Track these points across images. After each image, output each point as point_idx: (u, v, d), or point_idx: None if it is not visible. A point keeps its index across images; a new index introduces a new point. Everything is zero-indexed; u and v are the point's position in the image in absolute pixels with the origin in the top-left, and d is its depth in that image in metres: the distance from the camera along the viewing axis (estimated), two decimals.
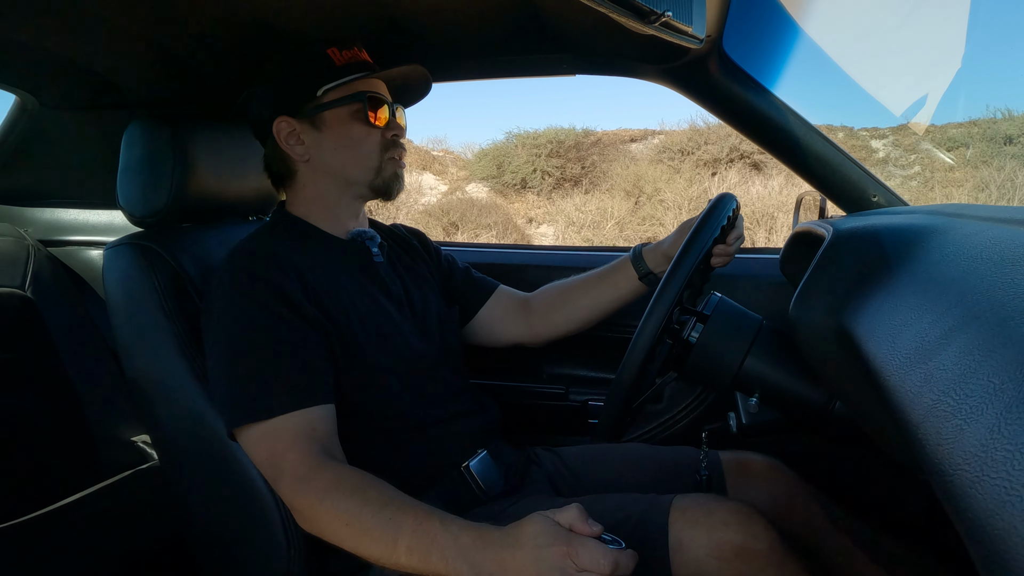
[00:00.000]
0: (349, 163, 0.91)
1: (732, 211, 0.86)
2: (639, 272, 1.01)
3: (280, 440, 0.74)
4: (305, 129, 0.90)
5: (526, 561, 0.58)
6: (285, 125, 0.90)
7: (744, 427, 0.80)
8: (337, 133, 0.90)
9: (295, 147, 0.91)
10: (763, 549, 0.69)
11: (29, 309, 1.29)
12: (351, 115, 0.89)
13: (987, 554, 0.25)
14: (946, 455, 0.29)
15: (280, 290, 0.80)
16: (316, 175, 0.92)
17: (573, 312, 1.08)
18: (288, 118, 0.89)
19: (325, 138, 0.90)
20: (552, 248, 1.66)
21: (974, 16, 7.18)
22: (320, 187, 0.93)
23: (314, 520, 0.71)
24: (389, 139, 0.92)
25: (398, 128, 0.93)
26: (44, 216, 1.48)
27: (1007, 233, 0.44)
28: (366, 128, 0.90)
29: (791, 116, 1.06)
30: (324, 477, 0.71)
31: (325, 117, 0.89)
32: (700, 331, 0.78)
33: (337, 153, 0.90)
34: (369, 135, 0.90)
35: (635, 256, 1.02)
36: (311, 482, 0.71)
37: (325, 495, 0.70)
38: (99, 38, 0.98)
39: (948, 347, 0.35)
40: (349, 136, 0.90)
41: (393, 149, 0.92)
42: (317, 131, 0.90)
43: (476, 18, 0.98)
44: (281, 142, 0.90)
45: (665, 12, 0.60)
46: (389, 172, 0.92)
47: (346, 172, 0.91)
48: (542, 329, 1.10)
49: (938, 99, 4.69)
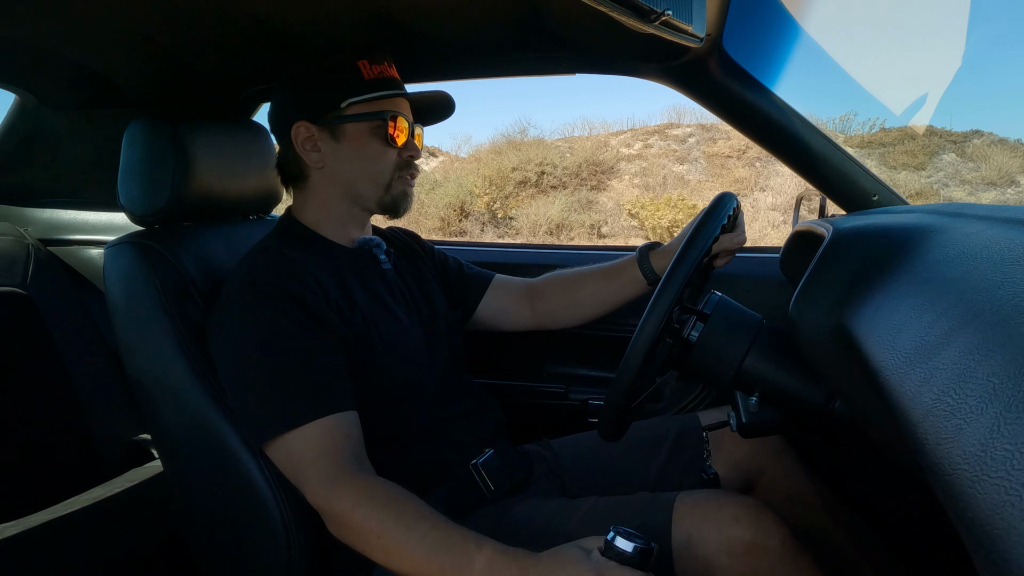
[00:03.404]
0: (362, 177, 0.91)
1: (732, 210, 0.86)
2: (647, 278, 1.02)
3: (311, 447, 0.75)
4: (323, 137, 0.90)
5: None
6: (304, 130, 0.90)
7: (744, 426, 0.80)
8: (355, 147, 0.90)
9: (310, 153, 0.91)
10: (775, 545, 0.69)
11: (29, 309, 1.29)
12: (371, 131, 0.89)
13: (987, 554, 0.25)
14: (946, 455, 0.30)
15: (303, 301, 0.80)
16: (327, 183, 0.93)
17: (576, 307, 1.09)
18: (308, 123, 0.89)
19: (342, 149, 0.90)
20: (552, 247, 1.66)
21: None
22: (329, 195, 0.93)
23: (345, 528, 0.72)
24: (404, 159, 0.92)
25: (415, 149, 0.93)
26: (44, 216, 1.48)
27: (1007, 233, 0.44)
28: (384, 146, 0.90)
29: (791, 115, 1.05)
30: (357, 486, 0.72)
31: (345, 129, 0.89)
32: (700, 330, 0.78)
33: (352, 166, 0.90)
34: (385, 153, 0.90)
35: (641, 257, 1.03)
36: (344, 489, 0.72)
37: (357, 505, 0.71)
38: (99, 38, 0.98)
39: (947, 347, 0.35)
40: (366, 151, 0.90)
41: (406, 169, 0.93)
42: (335, 141, 0.90)
43: (476, 17, 0.98)
44: (297, 145, 0.90)
45: (665, 11, 0.60)
46: (398, 190, 0.93)
47: (357, 185, 0.92)
48: (545, 318, 1.11)
49: (938, 99, 4.70)
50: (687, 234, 0.80)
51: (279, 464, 0.78)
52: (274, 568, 0.85)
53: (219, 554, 0.93)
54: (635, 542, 0.62)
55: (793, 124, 1.06)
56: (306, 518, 0.85)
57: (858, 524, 0.91)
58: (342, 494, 0.72)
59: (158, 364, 0.89)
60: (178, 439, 0.90)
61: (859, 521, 0.91)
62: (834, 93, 10.21)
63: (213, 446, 0.85)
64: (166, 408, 0.89)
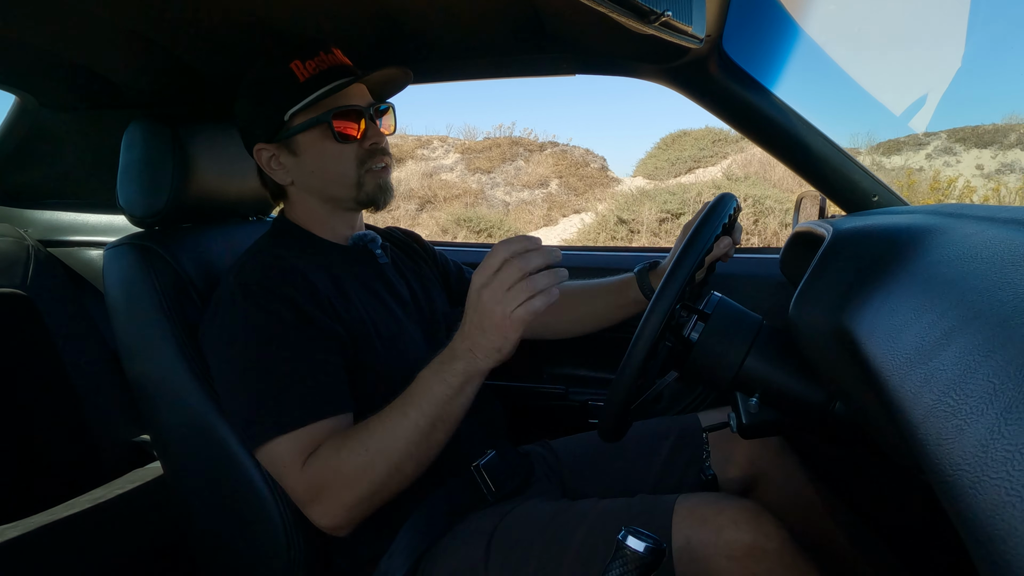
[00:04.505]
0: (330, 183, 0.89)
1: (732, 211, 0.86)
2: (647, 298, 1.01)
3: (307, 450, 0.75)
4: (283, 153, 0.89)
5: (491, 307, 0.67)
6: (264, 152, 0.89)
7: (744, 427, 0.80)
8: (312, 154, 0.88)
9: (277, 171, 0.90)
10: (774, 548, 0.69)
11: (29, 309, 1.29)
12: (322, 134, 0.86)
13: (987, 554, 0.25)
14: (946, 455, 0.29)
15: (295, 303, 0.79)
16: (303, 195, 0.92)
17: (573, 322, 1.09)
18: (265, 144, 0.89)
19: (303, 161, 0.88)
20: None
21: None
22: (310, 205, 0.93)
23: (340, 503, 0.73)
24: (367, 149, 0.88)
25: (376, 136, 0.89)
26: (44, 216, 1.48)
27: (1007, 233, 0.44)
28: (339, 146, 0.87)
29: (791, 116, 1.05)
30: (327, 466, 0.73)
31: (298, 140, 0.87)
32: (700, 331, 0.78)
33: (316, 175, 0.89)
34: (343, 152, 0.87)
35: (640, 276, 1.03)
36: (311, 480, 0.73)
37: (337, 474, 0.72)
38: (99, 38, 0.98)
39: (948, 347, 0.35)
40: (324, 156, 0.87)
41: (371, 160, 0.89)
42: (294, 155, 0.88)
43: (476, 18, 0.98)
44: (264, 167, 0.90)
45: (665, 12, 0.60)
46: (371, 185, 0.90)
47: (329, 191, 0.91)
48: (541, 331, 1.12)
49: (938, 100, 4.71)
50: (687, 234, 0.80)
51: (268, 468, 0.78)
52: (274, 568, 0.85)
53: (219, 555, 0.93)
54: (646, 541, 0.62)
55: (793, 125, 1.06)
56: (305, 519, 0.85)
57: (858, 525, 0.91)
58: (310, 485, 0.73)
59: (158, 365, 0.88)
60: (178, 440, 0.90)
61: (859, 522, 0.91)
62: (834, 92, 10.21)
63: (213, 447, 0.85)
64: (166, 409, 0.89)
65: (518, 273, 0.66)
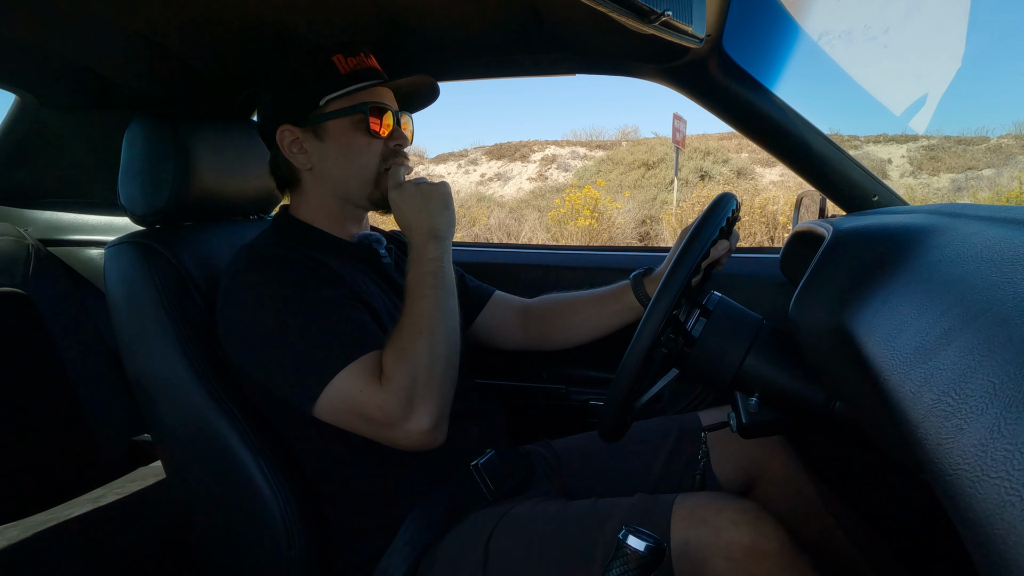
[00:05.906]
0: (349, 174, 0.91)
1: (732, 211, 0.86)
2: (643, 305, 1.02)
3: (377, 370, 0.77)
4: (308, 138, 0.90)
5: (419, 205, 0.85)
6: (288, 133, 0.89)
7: (744, 427, 0.80)
8: (339, 143, 0.89)
9: (298, 155, 0.90)
10: (774, 549, 0.69)
11: (29, 309, 1.29)
12: (353, 125, 0.88)
13: (987, 554, 0.25)
14: (946, 455, 0.29)
15: (312, 268, 0.83)
16: (319, 184, 0.92)
17: (569, 331, 1.10)
18: (291, 126, 0.89)
19: (327, 148, 0.89)
20: (552, 248, 1.66)
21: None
22: (324, 195, 0.93)
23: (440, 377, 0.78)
24: (391, 148, 0.91)
25: (401, 137, 0.92)
26: (44, 216, 1.48)
27: (1007, 233, 0.44)
28: (367, 138, 0.89)
29: (791, 115, 1.06)
30: (403, 366, 0.76)
31: (328, 127, 0.88)
32: (701, 330, 0.78)
33: (339, 163, 0.90)
34: (370, 145, 0.90)
35: (635, 284, 1.03)
36: (394, 394, 0.75)
37: (417, 366, 0.76)
38: (99, 38, 0.98)
39: (948, 347, 0.35)
40: (351, 146, 0.89)
41: (393, 158, 0.91)
42: (320, 141, 0.89)
43: (477, 18, 0.98)
44: (284, 150, 0.90)
45: (665, 12, 0.60)
46: (386, 185, 0.91)
47: (347, 183, 0.91)
48: (538, 340, 1.12)
49: (937, 101, 4.71)
50: (688, 234, 0.80)
51: (341, 405, 0.77)
52: (274, 568, 0.85)
53: (219, 554, 0.93)
54: (647, 541, 0.62)
55: (793, 124, 1.06)
56: (306, 518, 0.85)
57: (859, 524, 0.91)
58: (398, 389, 0.75)
59: (158, 364, 0.89)
60: (178, 439, 0.90)
61: (860, 521, 0.91)
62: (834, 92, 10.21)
63: (213, 446, 0.85)
64: (166, 408, 0.89)
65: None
